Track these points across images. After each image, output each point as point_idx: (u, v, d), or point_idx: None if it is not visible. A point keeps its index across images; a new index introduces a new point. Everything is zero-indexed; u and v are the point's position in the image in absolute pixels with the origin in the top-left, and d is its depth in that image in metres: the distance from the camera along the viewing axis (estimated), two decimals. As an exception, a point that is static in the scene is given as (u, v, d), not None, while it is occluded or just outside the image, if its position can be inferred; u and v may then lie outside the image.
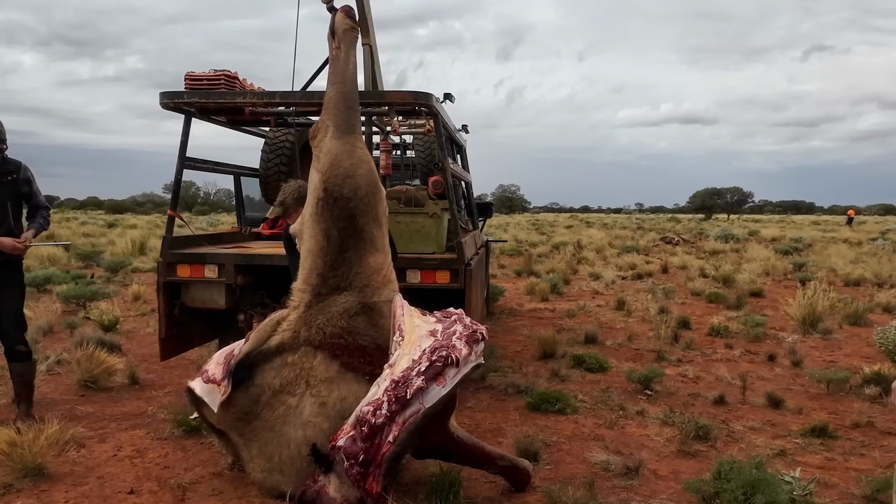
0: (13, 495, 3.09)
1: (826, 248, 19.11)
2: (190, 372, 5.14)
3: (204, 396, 3.01)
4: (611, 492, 3.19)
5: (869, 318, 7.97)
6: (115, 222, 32.62)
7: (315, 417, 2.92)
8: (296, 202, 3.81)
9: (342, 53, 3.70)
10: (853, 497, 3.17)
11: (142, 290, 9.02)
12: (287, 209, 3.87)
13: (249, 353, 3.10)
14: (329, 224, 3.34)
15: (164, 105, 4.48)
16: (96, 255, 13.58)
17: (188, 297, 4.71)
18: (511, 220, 46.86)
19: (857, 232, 31.14)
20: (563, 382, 5.12)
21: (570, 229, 33.02)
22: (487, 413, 4.37)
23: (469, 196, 6.90)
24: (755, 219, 65.53)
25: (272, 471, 2.96)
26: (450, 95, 5.81)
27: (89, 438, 3.81)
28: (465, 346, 2.82)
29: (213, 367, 3.06)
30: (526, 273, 12.68)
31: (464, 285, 4.32)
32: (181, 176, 4.61)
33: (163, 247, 4.58)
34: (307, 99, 4.38)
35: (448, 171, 4.64)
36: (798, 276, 12.05)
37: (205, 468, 3.42)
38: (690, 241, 22.89)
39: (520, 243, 21.36)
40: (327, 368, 3.03)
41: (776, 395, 4.63)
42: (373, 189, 3.49)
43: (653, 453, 3.68)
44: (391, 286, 3.41)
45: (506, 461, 3.15)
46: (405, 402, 2.62)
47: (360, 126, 3.97)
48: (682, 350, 6.29)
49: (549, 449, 3.73)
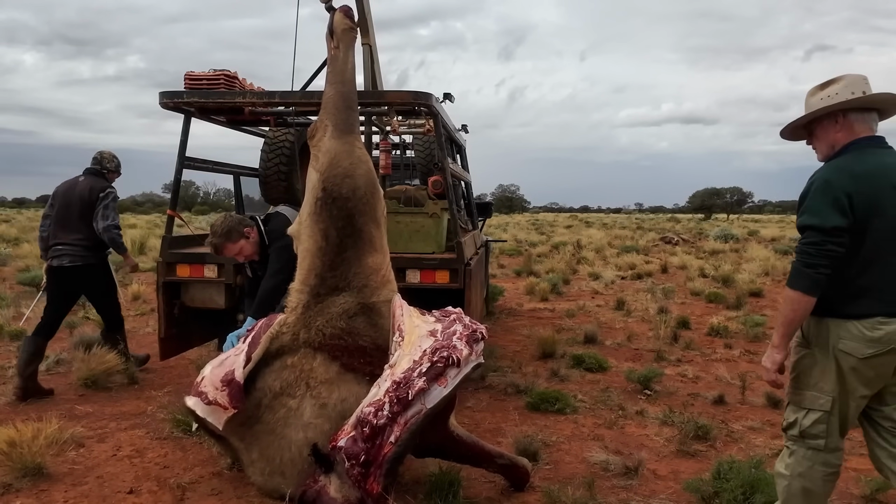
0: (12, 495, 3.09)
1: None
2: (190, 372, 5.15)
3: (206, 417, 2.99)
4: (610, 491, 3.19)
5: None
6: (115, 222, 32.58)
7: (316, 419, 2.91)
8: (225, 237, 3.74)
9: (341, 53, 3.70)
10: (852, 497, 3.17)
11: (141, 290, 9.01)
12: (218, 248, 3.78)
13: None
14: (327, 224, 3.34)
15: (163, 105, 4.48)
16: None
17: (188, 297, 4.71)
18: (511, 220, 46.87)
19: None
20: (562, 382, 5.12)
21: (569, 229, 33.03)
22: (487, 413, 4.37)
23: (469, 196, 6.90)
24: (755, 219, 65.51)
25: (273, 473, 2.95)
26: (449, 95, 5.80)
27: (89, 438, 3.81)
28: (466, 345, 2.82)
29: (211, 389, 2.98)
30: (525, 273, 12.68)
31: (463, 285, 4.32)
32: (181, 176, 4.60)
33: (162, 246, 4.58)
34: (307, 99, 4.38)
35: (448, 170, 4.64)
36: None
37: (204, 468, 3.42)
38: (690, 240, 22.89)
39: (519, 243, 21.36)
40: (327, 370, 3.02)
41: (776, 395, 4.63)
42: (371, 189, 3.49)
43: (652, 453, 3.69)
44: (390, 286, 3.40)
45: (505, 459, 3.15)
46: (407, 403, 2.62)
47: (359, 126, 3.97)
48: (682, 350, 6.29)
49: (549, 449, 3.73)
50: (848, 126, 2.32)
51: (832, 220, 2.18)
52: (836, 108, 2.31)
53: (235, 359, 3.05)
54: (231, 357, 3.10)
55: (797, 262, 2.25)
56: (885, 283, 2.23)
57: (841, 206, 2.19)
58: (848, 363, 2.26)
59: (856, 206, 2.20)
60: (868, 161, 2.27)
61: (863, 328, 2.23)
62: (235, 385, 2.94)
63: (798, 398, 2.39)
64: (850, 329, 2.24)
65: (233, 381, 2.95)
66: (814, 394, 2.34)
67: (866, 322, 2.23)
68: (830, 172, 2.27)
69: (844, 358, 2.26)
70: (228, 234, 3.75)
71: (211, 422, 2.98)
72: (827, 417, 2.31)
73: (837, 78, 2.36)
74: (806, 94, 2.45)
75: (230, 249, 3.79)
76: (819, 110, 2.35)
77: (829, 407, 2.31)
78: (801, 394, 2.38)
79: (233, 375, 2.97)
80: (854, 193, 2.20)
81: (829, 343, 2.29)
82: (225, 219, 3.82)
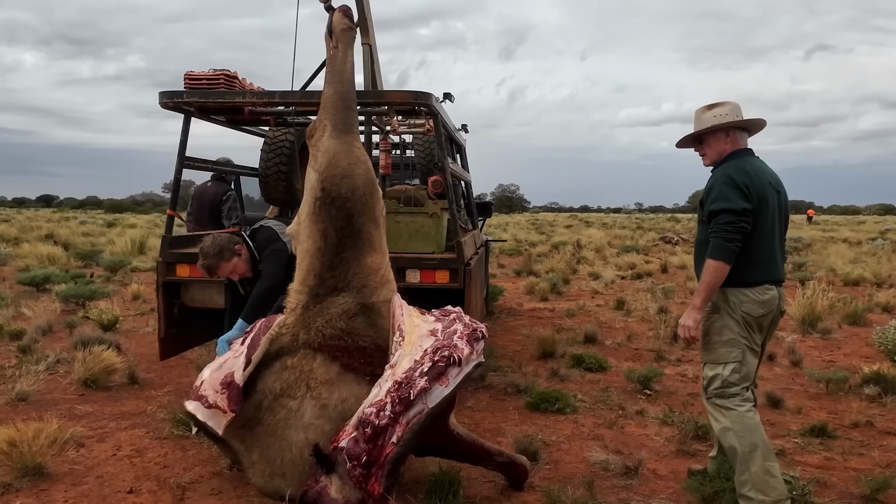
0: (12, 494, 3.09)
1: (825, 247, 19.13)
2: (190, 371, 5.15)
3: (207, 421, 2.98)
4: (610, 491, 3.19)
5: (868, 317, 7.97)
6: (115, 222, 32.60)
7: (316, 420, 2.91)
8: (217, 256, 3.72)
9: (339, 53, 3.69)
10: (852, 497, 3.17)
11: (141, 290, 9.01)
12: (212, 268, 3.76)
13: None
14: (326, 224, 3.33)
15: (163, 105, 4.47)
16: (95, 255, 13.58)
17: (187, 297, 4.71)
18: (510, 220, 46.86)
19: (855, 232, 31.14)
20: (562, 382, 5.12)
21: (569, 229, 33.03)
22: (487, 412, 4.37)
23: (469, 196, 6.91)
24: (754, 218, 65.22)
25: (274, 475, 2.95)
26: (449, 95, 5.80)
27: (88, 438, 3.81)
28: (467, 345, 2.82)
29: (210, 393, 2.98)
30: (525, 273, 12.68)
31: (463, 285, 4.32)
32: (181, 175, 4.60)
33: (162, 246, 4.58)
34: (307, 99, 4.38)
35: (447, 170, 4.64)
36: (797, 276, 12.05)
37: (204, 468, 3.42)
38: (690, 240, 22.88)
39: (519, 243, 21.36)
40: (327, 370, 3.02)
41: (775, 394, 4.64)
42: (370, 189, 3.49)
43: (652, 453, 3.69)
44: (389, 286, 3.40)
45: (503, 457, 3.15)
46: (409, 403, 2.62)
47: (358, 126, 3.97)
48: (682, 350, 6.29)
49: (549, 448, 3.73)
50: (734, 139, 2.97)
51: (741, 204, 2.76)
52: (730, 125, 2.94)
53: (235, 361, 3.05)
54: (230, 360, 3.09)
55: (717, 239, 2.76)
56: (768, 258, 2.86)
57: (745, 193, 2.78)
58: (747, 321, 2.84)
59: (751, 195, 2.78)
60: (752, 164, 2.90)
61: (756, 293, 2.83)
62: (235, 388, 2.93)
63: (714, 356, 2.90)
64: (748, 294, 2.83)
65: (232, 383, 2.95)
66: (727, 349, 2.86)
67: (758, 288, 2.84)
68: (730, 170, 2.86)
69: (745, 317, 2.83)
70: (221, 254, 3.72)
71: (211, 425, 2.98)
72: (740, 367, 2.84)
73: (722, 102, 2.99)
74: (696, 111, 3.05)
75: (224, 269, 3.78)
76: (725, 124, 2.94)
77: (741, 357, 2.84)
78: (716, 351, 2.89)
79: (232, 378, 2.97)
80: (749, 185, 2.79)
81: (734, 307, 2.84)
82: (213, 239, 3.78)
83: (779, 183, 2.96)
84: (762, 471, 2.73)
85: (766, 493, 2.72)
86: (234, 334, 3.51)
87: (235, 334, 3.49)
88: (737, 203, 2.75)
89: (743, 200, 2.75)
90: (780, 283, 2.95)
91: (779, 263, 2.92)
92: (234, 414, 2.92)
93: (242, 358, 3.02)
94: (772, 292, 2.86)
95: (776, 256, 2.90)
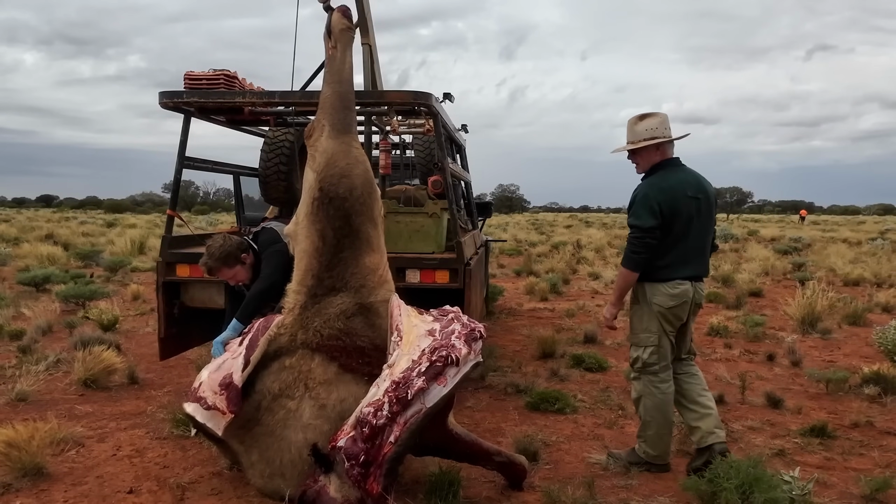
0: (12, 495, 3.09)
1: (825, 247, 19.12)
2: (189, 371, 5.15)
3: (206, 422, 2.98)
4: (610, 491, 3.19)
5: (868, 317, 7.97)
6: (115, 222, 32.62)
7: (315, 420, 2.91)
8: (222, 261, 3.70)
9: (338, 53, 3.69)
10: (852, 497, 3.17)
11: (141, 290, 9.02)
12: (212, 270, 3.75)
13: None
14: (324, 224, 3.33)
15: (163, 105, 4.47)
16: (95, 255, 13.58)
17: (187, 297, 4.70)
18: (510, 220, 46.86)
19: (855, 231, 31.14)
20: (562, 382, 5.12)
21: (569, 229, 33.03)
22: (487, 413, 4.37)
23: (468, 196, 6.90)
24: (754, 218, 65.59)
25: (273, 475, 2.95)
26: (449, 95, 5.80)
27: (88, 438, 3.81)
28: (465, 344, 2.82)
29: (209, 394, 2.98)
30: (525, 273, 12.68)
31: (463, 285, 4.32)
32: (181, 175, 4.59)
33: (162, 246, 4.57)
34: (307, 99, 4.38)
35: (447, 170, 4.64)
36: (797, 276, 12.06)
37: (204, 468, 3.42)
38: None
39: (519, 243, 21.36)
40: (325, 370, 3.02)
41: (775, 394, 4.64)
42: (368, 189, 3.48)
43: (652, 453, 3.68)
44: (387, 286, 3.39)
45: (502, 457, 3.15)
46: (406, 403, 2.62)
47: (357, 126, 3.97)
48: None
49: (549, 448, 3.73)
50: (662, 151, 3.40)
51: (649, 223, 3.23)
52: (663, 142, 3.36)
53: (233, 362, 3.05)
54: (229, 361, 3.09)
55: (627, 249, 3.32)
56: (679, 259, 3.31)
57: (654, 212, 3.23)
58: (660, 311, 3.33)
59: (664, 211, 3.24)
60: (671, 178, 3.33)
61: (668, 288, 3.31)
62: (234, 389, 2.93)
63: (637, 339, 3.42)
64: (661, 289, 3.32)
65: (231, 384, 2.95)
66: (646, 334, 3.38)
67: (669, 284, 3.31)
68: (647, 188, 3.32)
69: (658, 308, 3.33)
70: (225, 260, 3.70)
71: (211, 427, 2.98)
72: (657, 350, 3.35)
73: (652, 113, 3.39)
74: (629, 120, 3.44)
75: (224, 274, 3.76)
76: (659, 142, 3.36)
77: (657, 342, 3.35)
78: (637, 336, 3.42)
79: (231, 379, 2.97)
80: (662, 202, 3.24)
81: (649, 299, 3.35)
82: (224, 241, 3.74)
83: (700, 189, 3.35)
84: (656, 435, 3.39)
85: (653, 449, 3.41)
86: (229, 335, 3.49)
87: (230, 335, 3.48)
88: (646, 221, 3.23)
89: (651, 218, 3.22)
90: (697, 279, 3.39)
91: (692, 262, 3.35)
92: (233, 415, 2.92)
93: (241, 359, 3.02)
94: (683, 286, 3.32)
95: (689, 257, 3.33)
